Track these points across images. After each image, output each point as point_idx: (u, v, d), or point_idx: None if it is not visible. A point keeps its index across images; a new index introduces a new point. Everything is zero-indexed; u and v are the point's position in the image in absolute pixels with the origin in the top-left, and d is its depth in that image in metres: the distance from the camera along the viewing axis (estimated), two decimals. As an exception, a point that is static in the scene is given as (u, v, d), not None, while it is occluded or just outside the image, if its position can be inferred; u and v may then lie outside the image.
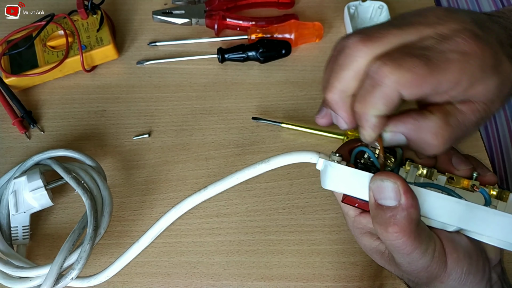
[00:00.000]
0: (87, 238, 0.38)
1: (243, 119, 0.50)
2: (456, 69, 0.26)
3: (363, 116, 0.27)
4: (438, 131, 0.27)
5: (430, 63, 0.25)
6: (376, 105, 0.26)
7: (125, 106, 0.51)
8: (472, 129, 0.28)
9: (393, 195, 0.27)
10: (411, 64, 0.25)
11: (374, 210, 0.27)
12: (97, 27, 0.53)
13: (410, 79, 0.25)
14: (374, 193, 0.27)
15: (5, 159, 0.48)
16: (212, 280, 0.42)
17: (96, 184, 0.42)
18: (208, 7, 0.56)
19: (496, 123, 0.63)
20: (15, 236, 0.42)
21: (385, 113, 0.27)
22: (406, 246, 0.27)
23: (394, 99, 0.26)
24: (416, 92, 0.26)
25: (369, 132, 0.27)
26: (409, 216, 0.26)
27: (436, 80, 0.26)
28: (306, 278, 0.42)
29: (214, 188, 0.31)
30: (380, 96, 0.26)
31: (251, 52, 0.52)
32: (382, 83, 0.25)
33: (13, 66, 0.52)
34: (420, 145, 0.28)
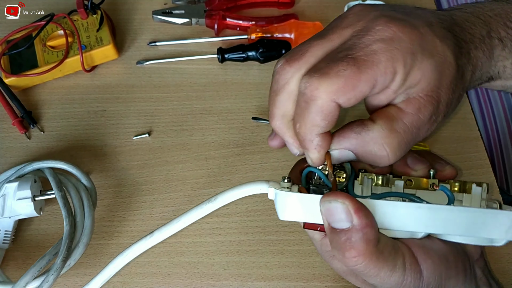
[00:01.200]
0: (53, 268, 0.37)
1: (243, 119, 0.50)
2: (385, 59, 0.24)
3: (305, 137, 0.26)
4: (384, 141, 0.25)
5: (356, 61, 0.24)
6: (315, 121, 0.25)
7: (125, 106, 0.51)
8: (426, 128, 0.26)
9: (344, 217, 0.25)
10: (337, 68, 0.24)
11: (329, 234, 0.26)
12: (97, 27, 0.53)
13: (341, 84, 0.24)
14: (325, 216, 0.26)
15: (5, 159, 0.48)
16: (212, 280, 0.42)
17: (82, 208, 0.41)
18: (208, 7, 0.56)
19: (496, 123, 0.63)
20: None
21: (326, 129, 0.25)
22: (369, 269, 0.25)
23: (332, 110, 0.25)
24: (352, 96, 0.24)
25: (315, 154, 0.26)
26: (365, 237, 0.24)
27: (369, 76, 0.24)
28: (306, 278, 0.42)
29: (160, 234, 0.30)
30: (316, 111, 0.25)
31: (251, 52, 0.52)
32: (314, 97, 0.24)
33: (13, 66, 0.52)
34: (370, 159, 0.26)
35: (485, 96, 0.65)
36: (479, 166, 0.47)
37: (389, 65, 0.24)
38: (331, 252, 0.29)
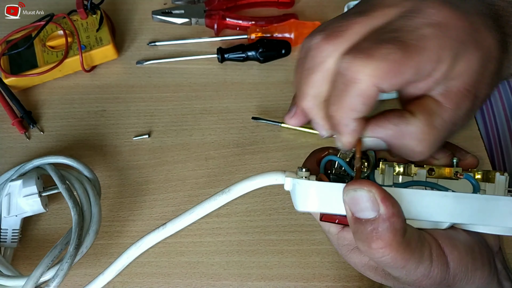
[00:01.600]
0: (67, 256, 0.37)
1: (243, 119, 0.50)
2: (434, 45, 0.22)
3: (341, 121, 0.24)
4: (422, 137, 0.24)
5: (404, 45, 0.22)
6: (353, 106, 0.23)
7: (125, 106, 0.51)
8: (461, 124, 0.25)
9: (370, 206, 0.23)
10: (384, 51, 0.22)
11: (353, 225, 0.24)
12: (96, 27, 0.53)
13: (386, 68, 0.22)
14: (349, 206, 0.24)
15: (4, 159, 0.48)
16: (212, 280, 0.42)
17: (88, 198, 0.41)
18: (208, 7, 0.56)
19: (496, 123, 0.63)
20: (3, 239, 0.42)
21: (364, 114, 0.24)
22: (396, 261, 0.23)
23: (373, 95, 0.23)
24: (395, 81, 0.23)
25: (347, 139, 0.25)
26: (392, 227, 0.23)
27: (415, 62, 0.22)
28: (306, 278, 0.42)
29: (173, 226, 0.29)
30: (356, 95, 0.23)
31: (251, 52, 0.52)
32: (356, 79, 0.22)
33: (12, 66, 0.52)
34: (403, 151, 0.25)
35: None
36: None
37: (436, 52, 0.23)
38: (349, 246, 0.28)
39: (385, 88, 0.23)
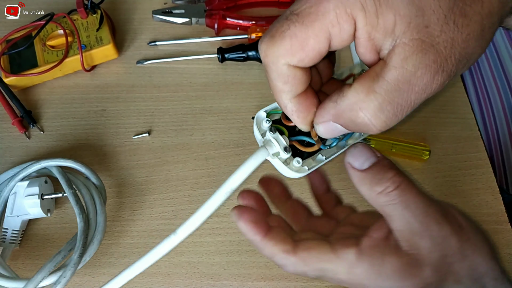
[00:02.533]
0: (71, 264, 0.37)
1: (243, 119, 0.50)
2: (334, 5, 0.21)
3: (281, 105, 0.25)
4: (359, 106, 0.22)
5: (300, 16, 0.22)
6: (278, 87, 0.24)
7: (125, 106, 0.51)
8: (424, 81, 0.21)
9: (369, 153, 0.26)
10: (282, 28, 0.22)
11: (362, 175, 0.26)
12: (96, 27, 0.53)
13: (287, 45, 0.22)
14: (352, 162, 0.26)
15: (4, 159, 0.48)
16: (212, 280, 0.42)
17: (94, 205, 0.41)
18: (208, 7, 0.56)
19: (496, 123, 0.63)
20: (2, 238, 0.42)
21: (295, 92, 0.24)
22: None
23: (289, 73, 0.23)
24: (303, 55, 0.22)
25: (296, 120, 0.26)
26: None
27: (317, 30, 0.21)
28: (306, 278, 0.42)
29: (183, 231, 0.29)
30: (275, 77, 0.23)
31: (251, 51, 0.52)
32: (267, 63, 0.23)
33: (12, 66, 0.52)
34: (356, 128, 0.24)
35: (485, 96, 0.65)
36: (479, 166, 0.47)
37: (341, 12, 0.21)
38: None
39: (296, 63, 0.22)
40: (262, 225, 0.27)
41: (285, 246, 0.27)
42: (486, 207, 0.45)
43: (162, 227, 0.45)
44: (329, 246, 0.27)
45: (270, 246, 0.27)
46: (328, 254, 0.26)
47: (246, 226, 0.27)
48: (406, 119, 0.33)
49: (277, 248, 0.27)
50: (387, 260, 0.25)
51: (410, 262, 0.25)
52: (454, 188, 0.46)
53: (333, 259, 0.26)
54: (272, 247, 0.27)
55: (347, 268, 0.26)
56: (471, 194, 0.45)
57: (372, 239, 0.26)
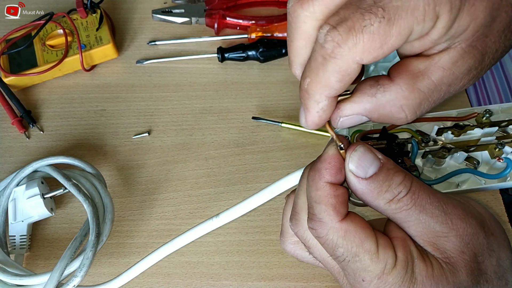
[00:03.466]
0: (90, 245, 0.38)
1: (243, 119, 0.50)
2: (424, 2, 0.20)
3: (313, 97, 0.22)
4: (403, 103, 0.22)
5: (387, 11, 0.20)
6: (328, 82, 0.21)
7: (125, 106, 0.51)
8: (462, 84, 0.22)
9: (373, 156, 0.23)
10: (365, 23, 0.20)
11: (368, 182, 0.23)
12: (96, 26, 0.53)
13: (368, 42, 0.20)
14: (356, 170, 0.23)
15: (4, 159, 0.48)
16: (212, 280, 0.42)
17: (97, 191, 0.41)
18: (208, 6, 0.56)
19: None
20: (12, 245, 0.42)
21: (338, 92, 0.22)
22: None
23: (352, 72, 0.21)
24: (380, 53, 0.21)
25: (314, 118, 0.23)
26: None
27: (402, 28, 0.20)
28: (306, 278, 0.42)
29: (226, 216, 0.30)
30: (334, 71, 0.21)
31: (251, 51, 0.52)
32: (335, 54, 0.20)
33: (12, 66, 0.52)
34: (386, 120, 0.23)
35: (485, 97, 0.65)
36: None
37: (430, 10, 0.20)
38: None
39: (367, 61, 0.21)
40: (341, 175, 0.24)
41: (341, 207, 0.24)
42: (486, 207, 0.45)
43: (162, 227, 0.45)
44: (375, 238, 0.24)
45: (327, 193, 0.24)
46: (373, 245, 0.24)
47: (333, 159, 0.24)
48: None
49: (332, 201, 0.24)
50: (417, 265, 0.23)
51: (443, 267, 0.23)
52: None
53: (374, 254, 0.23)
54: (328, 196, 0.24)
55: (380, 272, 0.23)
56: (471, 194, 0.45)
57: (402, 241, 0.24)
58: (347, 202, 0.24)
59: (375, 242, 0.24)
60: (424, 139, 0.28)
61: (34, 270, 0.42)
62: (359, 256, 0.23)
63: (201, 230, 0.31)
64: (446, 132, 0.28)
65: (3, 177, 0.46)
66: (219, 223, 0.29)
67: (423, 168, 0.28)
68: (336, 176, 0.24)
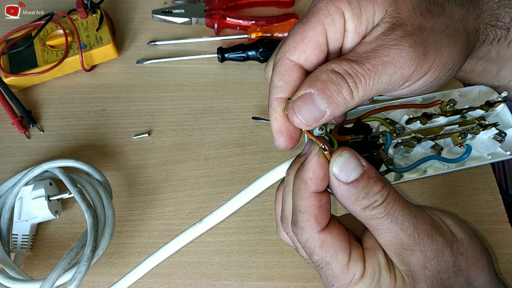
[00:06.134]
0: (84, 258, 0.38)
1: (243, 119, 0.50)
2: (324, 4, 0.27)
3: (268, 101, 0.28)
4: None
5: (302, 19, 0.28)
6: (274, 83, 0.27)
7: (125, 106, 0.51)
8: (394, 54, 0.26)
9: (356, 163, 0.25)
10: (290, 31, 0.28)
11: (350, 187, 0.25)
12: (96, 26, 0.53)
13: (291, 41, 0.27)
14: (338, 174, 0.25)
15: (4, 159, 0.48)
16: (212, 280, 0.42)
17: (101, 200, 0.41)
18: (208, 6, 0.56)
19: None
20: (14, 244, 0.42)
21: (284, 91, 0.27)
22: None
23: (287, 68, 0.27)
24: (303, 48, 0.27)
25: (271, 119, 0.28)
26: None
27: (313, 25, 0.27)
28: (306, 278, 0.42)
29: (209, 220, 0.30)
30: (275, 73, 0.27)
31: (251, 51, 0.52)
32: (275, 60, 0.28)
33: (12, 66, 0.52)
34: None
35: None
36: (479, 166, 0.47)
37: (331, 6, 0.26)
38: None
39: (300, 55, 0.27)
40: (326, 181, 0.25)
41: (322, 218, 0.25)
42: (486, 207, 0.45)
43: (162, 227, 0.45)
44: (349, 250, 0.25)
45: (311, 204, 0.25)
46: (345, 257, 0.25)
47: (317, 167, 0.25)
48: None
49: (315, 212, 0.25)
50: (383, 276, 0.25)
51: (405, 280, 0.25)
52: (454, 188, 0.46)
53: (344, 266, 0.25)
54: (312, 206, 0.25)
55: (348, 282, 0.25)
56: (471, 194, 0.45)
57: (371, 251, 0.26)
58: (329, 211, 0.26)
59: (347, 255, 0.25)
60: (397, 130, 0.29)
61: (32, 270, 0.42)
62: (331, 265, 0.25)
63: (186, 237, 0.31)
64: (415, 121, 0.29)
65: (4, 177, 0.46)
66: (203, 228, 0.30)
67: (394, 156, 0.30)
68: (321, 184, 0.25)
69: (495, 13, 0.30)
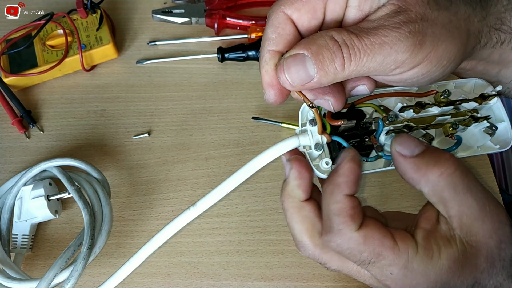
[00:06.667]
0: (81, 257, 0.38)
1: (243, 119, 0.50)
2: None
3: (260, 56, 0.27)
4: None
5: None
6: (267, 35, 0.27)
7: (125, 106, 0.51)
8: (396, 37, 0.25)
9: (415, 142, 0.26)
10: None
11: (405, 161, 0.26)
12: (96, 26, 0.53)
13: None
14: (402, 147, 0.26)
15: (4, 159, 0.48)
16: (212, 280, 0.42)
17: (98, 198, 0.41)
18: (208, 6, 0.56)
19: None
20: (14, 244, 0.42)
21: (277, 44, 0.27)
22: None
23: (281, 22, 0.27)
24: (300, 5, 0.26)
25: (262, 72, 0.27)
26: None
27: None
28: (306, 278, 0.42)
29: (203, 203, 0.30)
30: (269, 25, 0.27)
31: (251, 51, 0.52)
32: (268, 15, 0.28)
33: (12, 66, 0.52)
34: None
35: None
36: (479, 166, 0.47)
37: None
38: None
39: (294, 11, 0.26)
40: (358, 186, 0.26)
41: (358, 217, 0.26)
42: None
43: (162, 227, 0.44)
44: (390, 234, 0.26)
45: (346, 205, 0.26)
46: (391, 241, 0.25)
47: (351, 172, 0.26)
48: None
49: (350, 212, 0.26)
50: (444, 251, 0.25)
51: (467, 250, 0.25)
52: (454, 188, 0.46)
53: (394, 248, 0.25)
54: (347, 208, 0.26)
55: (405, 261, 0.25)
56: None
57: (426, 231, 0.26)
58: (362, 211, 0.26)
59: (392, 238, 0.26)
60: (389, 117, 0.29)
61: (33, 270, 0.42)
62: (382, 254, 0.25)
63: (181, 221, 0.31)
64: (408, 110, 0.29)
65: (4, 177, 0.46)
66: (197, 212, 0.30)
67: (384, 143, 0.30)
68: (353, 188, 0.26)
69: (501, 16, 0.30)
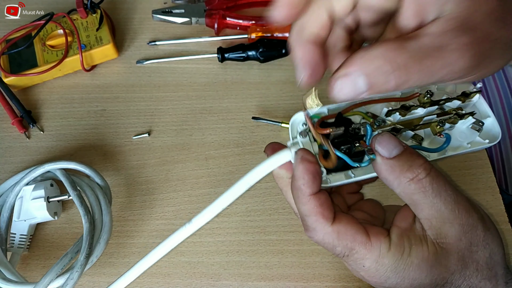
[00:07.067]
0: (77, 265, 0.37)
1: (243, 119, 0.50)
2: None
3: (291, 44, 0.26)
4: (391, 60, 0.22)
5: None
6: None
7: (125, 106, 0.51)
8: (455, 57, 0.22)
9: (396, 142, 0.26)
10: None
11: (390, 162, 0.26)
12: (96, 26, 0.53)
13: None
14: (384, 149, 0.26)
15: (4, 159, 0.48)
16: (212, 280, 0.42)
17: (99, 206, 0.41)
18: (208, 6, 0.56)
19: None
20: (11, 243, 0.42)
21: (315, 37, 0.25)
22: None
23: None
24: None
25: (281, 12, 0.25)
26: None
27: None
28: (306, 278, 0.42)
29: (198, 220, 0.30)
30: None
31: (251, 51, 0.52)
32: None
33: (12, 66, 0.52)
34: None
35: (484, 97, 0.65)
36: (479, 166, 0.47)
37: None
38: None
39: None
40: (317, 182, 0.27)
41: (328, 212, 0.27)
42: (486, 207, 0.45)
43: (162, 227, 0.45)
44: (364, 229, 0.27)
45: (313, 205, 0.27)
46: (364, 236, 0.27)
47: (304, 173, 0.26)
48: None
49: (319, 210, 0.26)
50: (415, 249, 0.26)
51: (438, 251, 0.26)
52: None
53: (367, 243, 0.26)
54: (315, 207, 0.27)
55: (376, 256, 0.26)
56: (471, 194, 0.45)
57: (400, 229, 0.27)
58: (331, 205, 0.27)
59: (365, 234, 0.27)
60: (376, 122, 0.29)
61: (31, 270, 0.42)
62: (355, 248, 0.27)
63: (176, 239, 0.30)
64: (394, 113, 0.30)
65: (4, 177, 0.46)
66: (193, 228, 0.30)
67: None
68: (314, 185, 0.27)
69: None
